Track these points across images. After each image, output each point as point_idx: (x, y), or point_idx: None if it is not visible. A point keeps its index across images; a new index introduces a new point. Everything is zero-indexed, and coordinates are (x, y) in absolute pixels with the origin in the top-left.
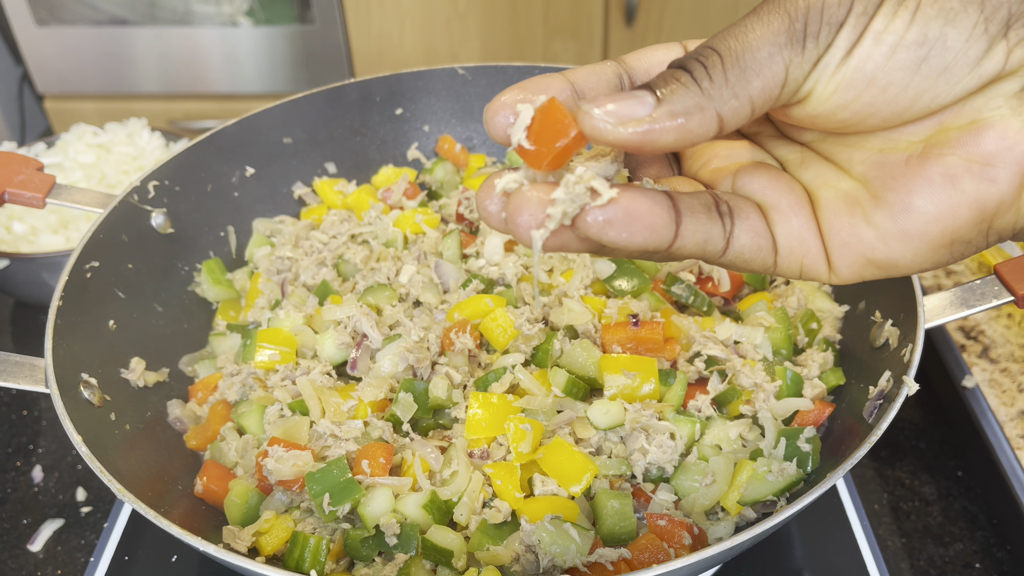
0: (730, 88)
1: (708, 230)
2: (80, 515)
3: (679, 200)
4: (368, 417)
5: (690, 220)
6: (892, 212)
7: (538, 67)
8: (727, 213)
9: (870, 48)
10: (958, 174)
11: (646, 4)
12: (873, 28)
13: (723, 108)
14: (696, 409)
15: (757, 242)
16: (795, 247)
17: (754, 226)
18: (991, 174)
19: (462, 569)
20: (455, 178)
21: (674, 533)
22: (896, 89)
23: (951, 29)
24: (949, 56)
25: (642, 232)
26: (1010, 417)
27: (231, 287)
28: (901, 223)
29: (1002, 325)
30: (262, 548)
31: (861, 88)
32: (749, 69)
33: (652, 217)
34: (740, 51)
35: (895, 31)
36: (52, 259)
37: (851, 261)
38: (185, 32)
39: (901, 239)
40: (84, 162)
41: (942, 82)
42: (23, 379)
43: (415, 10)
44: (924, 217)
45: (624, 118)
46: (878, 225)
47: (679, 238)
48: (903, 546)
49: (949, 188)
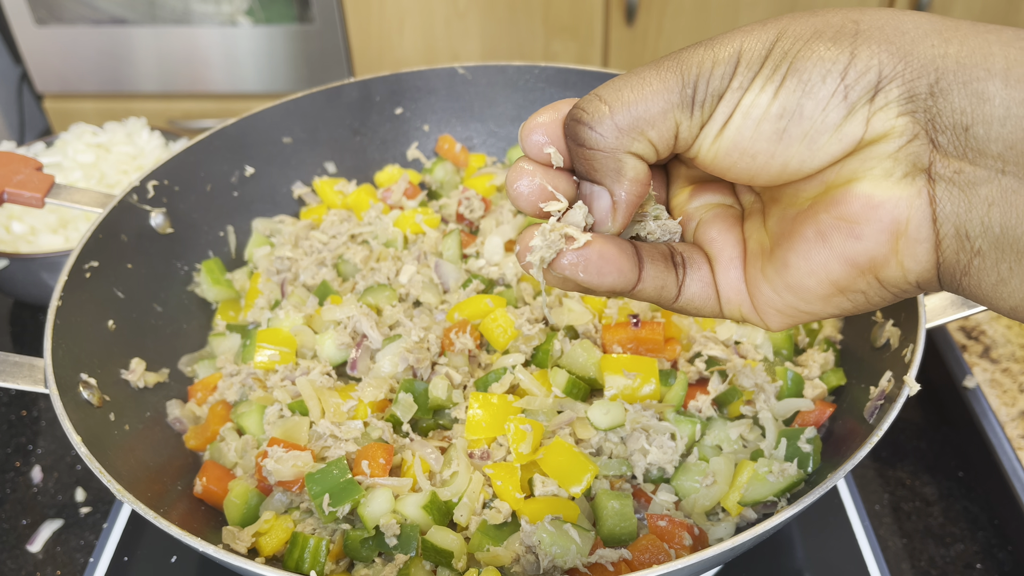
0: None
1: (664, 278)
2: (79, 515)
3: (641, 249)
4: (368, 417)
5: (650, 267)
6: (776, 267)
7: (538, 67)
8: (681, 264)
9: (739, 122)
10: (827, 231)
11: (646, 4)
12: (743, 104)
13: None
14: (697, 409)
15: (705, 291)
16: (732, 296)
17: (703, 277)
18: (856, 231)
19: (462, 570)
20: (455, 178)
21: (674, 534)
22: (764, 157)
23: (807, 100)
24: (806, 124)
25: (612, 273)
26: (1011, 417)
27: (231, 287)
28: (784, 277)
29: (1003, 325)
30: (262, 549)
31: (735, 157)
32: (642, 119)
33: (621, 261)
34: (629, 100)
35: (759, 105)
36: (51, 259)
37: (764, 309)
38: (184, 32)
39: (788, 291)
40: (83, 162)
41: (804, 148)
42: (22, 379)
43: (415, 10)
44: (798, 272)
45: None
46: (769, 278)
47: (641, 282)
48: (904, 546)
49: (820, 245)
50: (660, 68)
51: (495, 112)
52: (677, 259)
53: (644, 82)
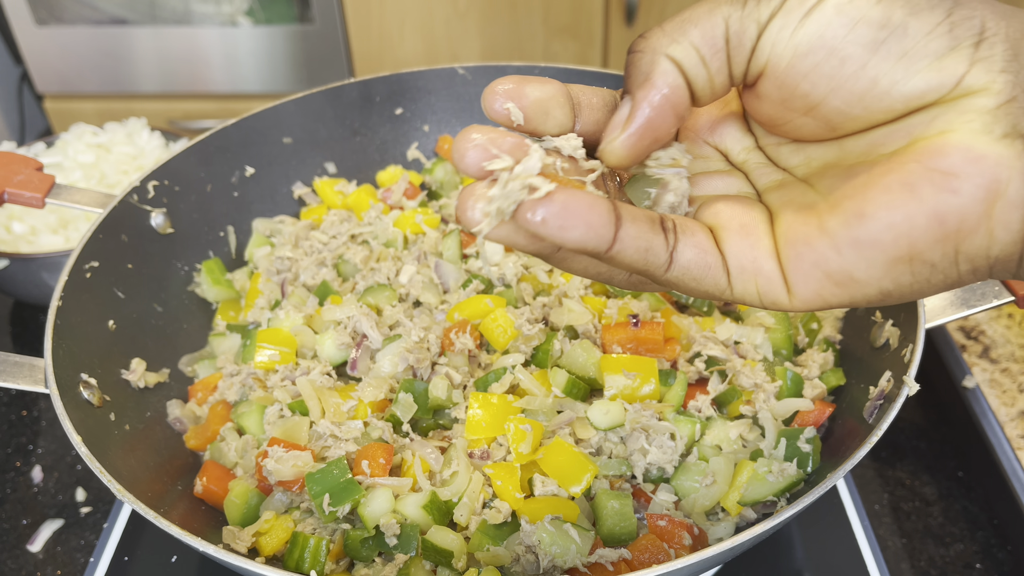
0: (668, 35)
1: (649, 239)
2: (80, 515)
3: (620, 207)
4: (368, 417)
5: (630, 226)
6: (846, 218)
7: (538, 67)
8: (671, 229)
9: (830, 17)
10: (916, 182)
11: (646, 4)
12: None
13: (670, 51)
14: (696, 409)
15: (704, 259)
16: (746, 265)
17: (700, 243)
18: (953, 185)
19: (462, 570)
20: (455, 178)
21: (674, 533)
22: (854, 65)
23: (913, 19)
24: (909, 43)
25: (579, 227)
26: (1010, 417)
27: (231, 287)
28: (854, 229)
29: (1002, 325)
30: (262, 549)
31: (820, 56)
32: (687, 21)
33: (590, 215)
34: (681, 13)
35: (859, 6)
36: (51, 259)
37: (806, 275)
38: (185, 32)
39: (853, 246)
40: (83, 162)
41: (900, 68)
42: (23, 379)
43: (415, 10)
44: (876, 224)
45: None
46: (831, 231)
47: (618, 241)
48: (903, 546)
49: (906, 195)
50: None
51: None
52: (667, 224)
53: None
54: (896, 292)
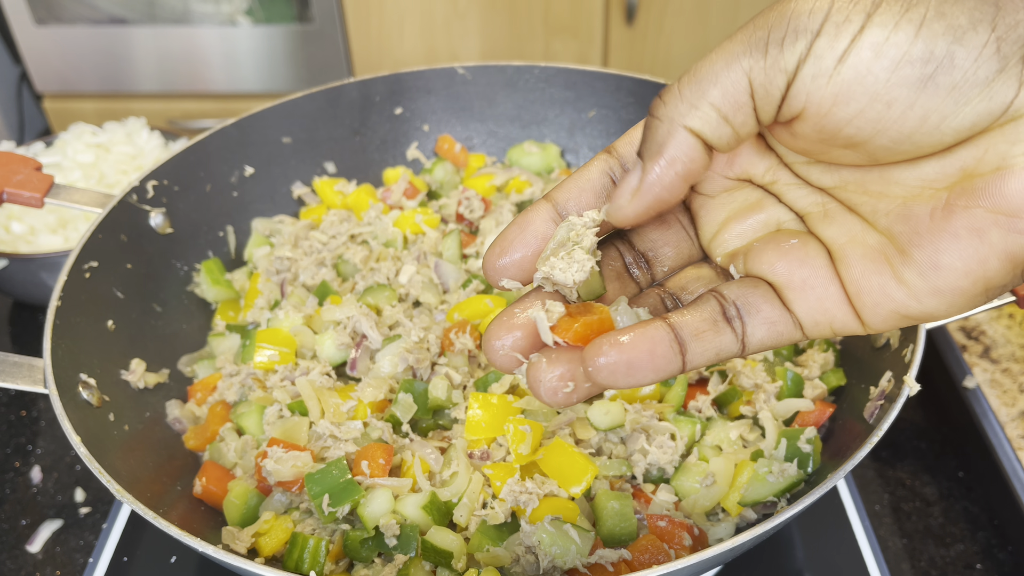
0: (685, 101)
1: (717, 345)
2: (79, 516)
3: (680, 329)
4: (368, 418)
5: (695, 344)
6: (921, 270)
7: (538, 66)
8: (736, 316)
9: (869, 60)
10: (985, 227)
11: (646, 4)
12: (870, 39)
13: (687, 121)
14: (696, 410)
15: (775, 330)
16: (819, 319)
17: (767, 317)
18: (1019, 226)
19: (462, 570)
20: (455, 178)
21: (674, 534)
22: (902, 106)
23: (959, 47)
24: (957, 75)
25: (648, 375)
26: (1011, 417)
27: (230, 287)
28: (932, 281)
29: (1003, 325)
30: (261, 549)
31: (863, 102)
32: (705, 80)
33: (655, 361)
34: (697, 67)
35: (898, 45)
36: (51, 259)
37: (884, 318)
38: (184, 31)
39: (933, 295)
40: (83, 162)
41: (950, 102)
42: (22, 379)
43: (415, 9)
44: (954, 273)
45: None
46: (909, 283)
47: (688, 363)
48: (904, 547)
49: (976, 242)
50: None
51: (495, 112)
52: (730, 312)
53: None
54: (966, 312)
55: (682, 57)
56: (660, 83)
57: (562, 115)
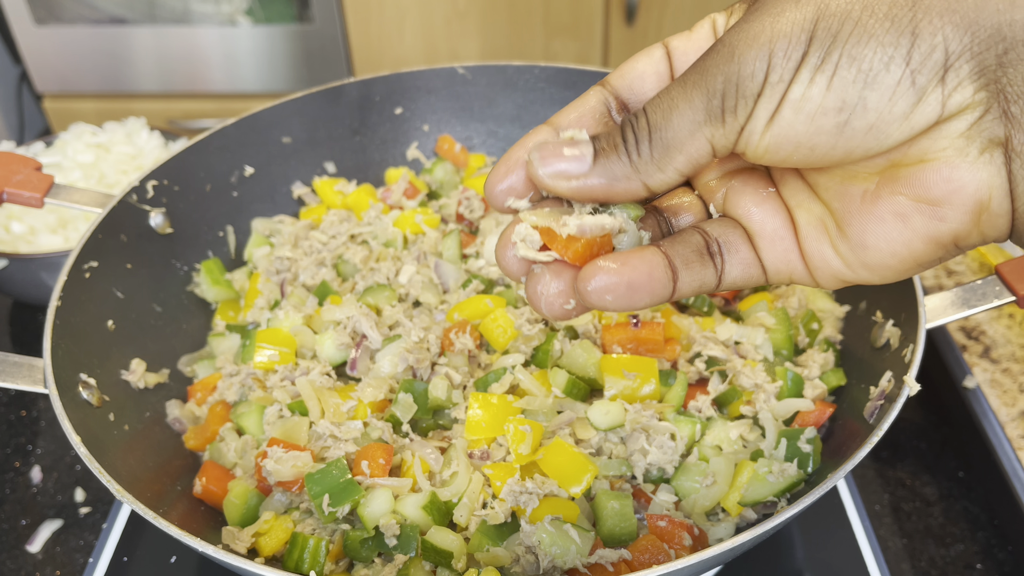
0: (655, 163)
1: (702, 276)
2: (79, 516)
3: (674, 256)
4: (368, 418)
5: (686, 273)
6: (851, 247)
7: (538, 66)
8: (718, 252)
9: (790, 117)
10: (908, 213)
11: (646, 3)
12: (790, 97)
13: (649, 180)
14: (696, 410)
15: (748, 271)
16: (781, 268)
17: (743, 259)
18: (940, 213)
19: (462, 570)
20: (455, 178)
21: (674, 534)
22: (824, 148)
23: (870, 91)
24: (871, 116)
25: (644, 298)
26: (1011, 417)
27: (230, 287)
28: (861, 257)
29: (1003, 325)
30: (261, 549)
31: (789, 150)
32: (672, 147)
33: (652, 284)
34: (664, 127)
35: (812, 99)
36: (51, 259)
37: (828, 280)
38: (184, 31)
39: (864, 269)
40: (83, 162)
41: (870, 139)
42: (22, 379)
43: (415, 9)
44: (879, 253)
45: (562, 174)
46: (843, 256)
47: (677, 291)
48: (904, 547)
49: (900, 226)
50: (686, 85)
51: (495, 112)
52: (713, 247)
53: (673, 106)
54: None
55: None
56: None
57: None
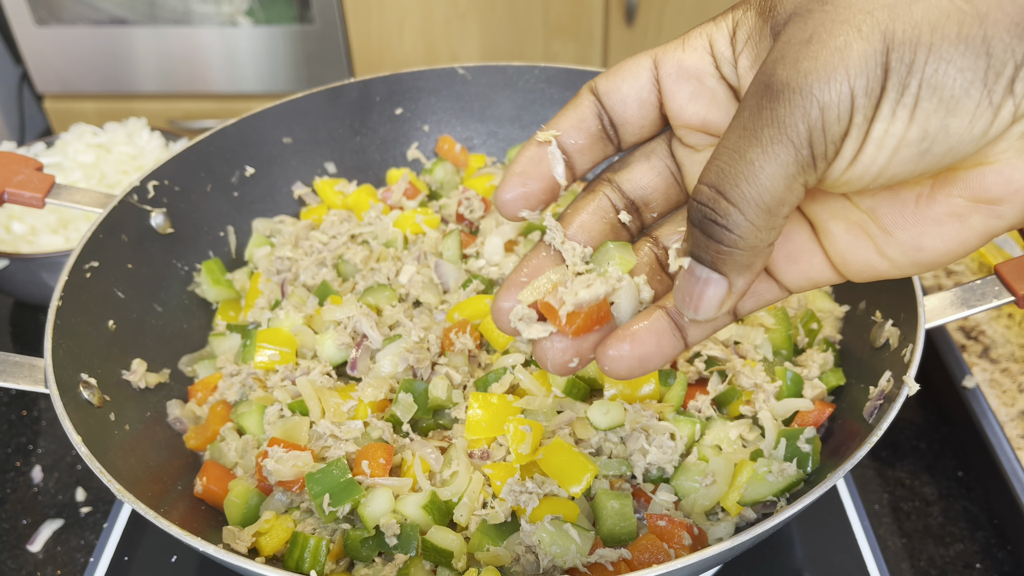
0: (765, 230)
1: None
2: (80, 515)
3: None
4: (368, 417)
5: (693, 328)
6: (904, 249)
7: (538, 67)
8: None
9: (874, 153)
10: (966, 213)
11: (646, 4)
12: (874, 135)
13: (764, 242)
14: (696, 409)
15: (763, 298)
16: (803, 283)
17: (754, 291)
18: (999, 212)
19: (462, 570)
20: (455, 178)
21: (674, 533)
22: (901, 176)
23: (952, 119)
24: (953, 140)
25: (658, 363)
26: (1010, 417)
27: (231, 287)
28: (914, 258)
29: (1002, 325)
30: (262, 548)
31: (868, 181)
32: (774, 208)
33: (661, 349)
34: (759, 196)
35: (895, 134)
36: (51, 259)
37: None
38: (185, 32)
39: (914, 268)
40: (83, 162)
41: (947, 159)
42: (22, 379)
43: (415, 10)
44: (935, 253)
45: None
46: (891, 259)
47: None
48: (903, 546)
49: (958, 226)
50: (762, 141)
51: (495, 112)
52: None
53: (757, 169)
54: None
55: None
56: None
57: None
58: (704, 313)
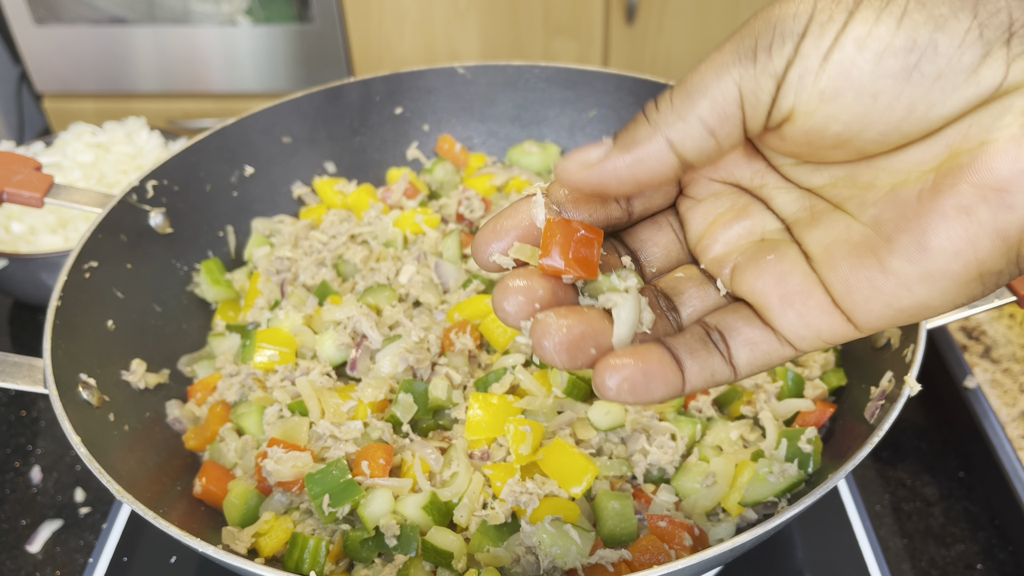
0: (675, 112)
1: (711, 365)
2: (79, 516)
3: (677, 348)
4: (368, 418)
5: (692, 362)
6: (909, 255)
7: (538, 66)
8: (720, 340)
9: (853, 55)
10: (972, 204)
11: (646, 3)
12: (853, 34)
13: (671, 132)
14: (697, 410)
15: (760, 349)
16: (804, 332)
17: (748, 338)
18: (1008, 200)
19: (462, 570)
20: (455, 178)
21: (675, 534)
22: (888, 98)
23: (941, 35)
24: (942, 62)
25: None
26: (1012, 418)
27: (230, 287)
28: (921, 265)
29: (1004, 325)
30: (261, 549)
31: (849, 97)
32: (695, 92)
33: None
34: (688, 78)
35: (880, 37)
36: (50, 259)
37: (877, 315)
38: (184, 31)
39: (924, 281)
40: (83, 161)
41: (937, 90)
42: (21, 380)
43: (415, 9)
44: (943, 255)
45: (584, 162)
46: (897, 272)
47: (687, 382)
48: (905, 547)
49: (965, 221)
50: (719, 45)
51: (495, 112)
52: (714, 336)
53: (706, 60)
54: (963, 303)
55: (682, 57)
56: (660, 83)
57: (562, 115)
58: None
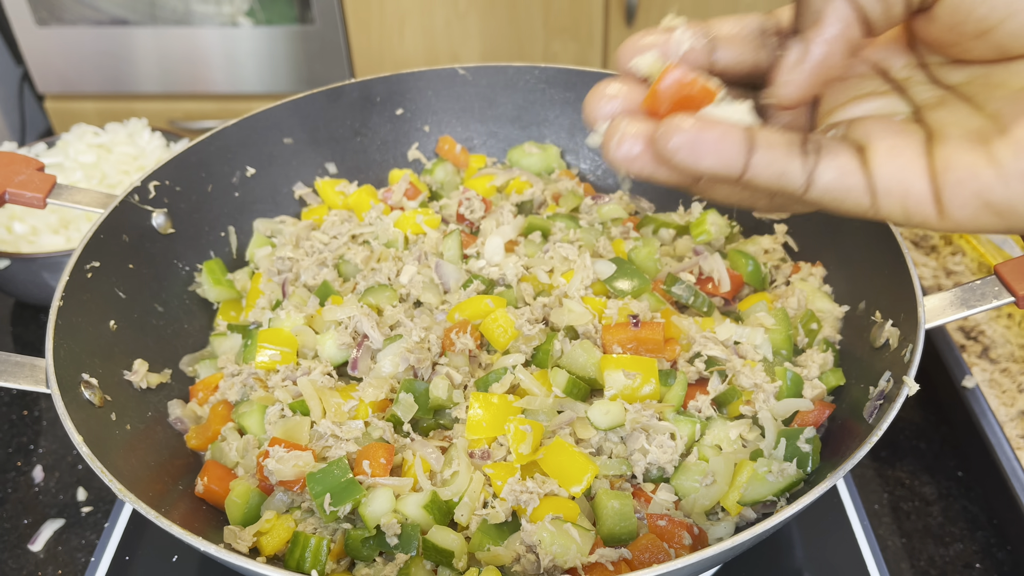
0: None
1: (783, 164)
2: (81, 515)
3: (757, 135)
4: (369, 417)
5: (763, 152)
6: (1017, 148)
7: (538, 67)
8: (813, 152)
9: None
10: None
11: (646, 4)
12: None
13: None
14: (696, 409)
15: (844, 181)
16: (893, 187)
17: (842, 164)
18: None
19: (463, 569)
20: (455, 179)
21: (674, 533)
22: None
23: None
24: None
25: (710, 155)
26: (1010, 417)
27: (232, 287)
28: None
29: (1002, 325)
30: (263, 548)
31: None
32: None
33: (721, 143)
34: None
35: None
36: (53, 259)
37: (965, 202)
38: (185, 32)
39: (1022, 180)
40: (85, 162)
41: None
42: (24, 379)
43: (415, 10)
44: None
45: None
46: (1000, 161)
47: (750, 168)
48: (903, 546)
49: None
50: None
51: (495, 113)
52: (809, 146)
53: None
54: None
55: None
56: None
57: (562, 116)
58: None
